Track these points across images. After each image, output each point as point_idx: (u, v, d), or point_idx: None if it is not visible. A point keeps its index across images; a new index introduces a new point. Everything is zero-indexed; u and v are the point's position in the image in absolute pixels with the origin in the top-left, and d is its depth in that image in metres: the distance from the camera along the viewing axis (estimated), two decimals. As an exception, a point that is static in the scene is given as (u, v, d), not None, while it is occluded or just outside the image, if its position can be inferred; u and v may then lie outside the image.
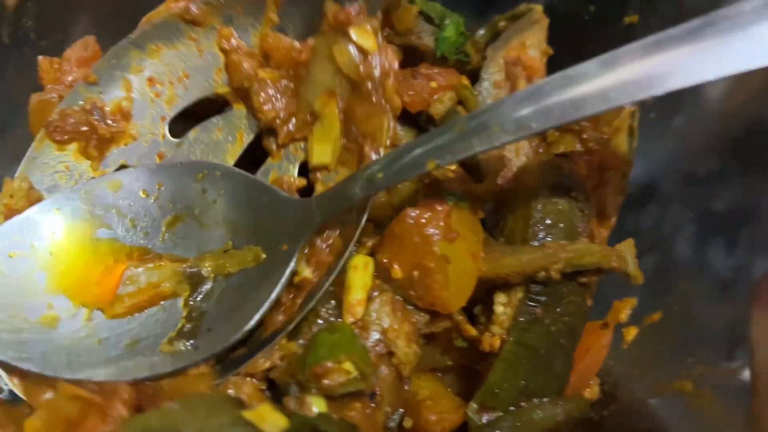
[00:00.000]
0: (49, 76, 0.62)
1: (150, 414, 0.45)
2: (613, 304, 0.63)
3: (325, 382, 0.48)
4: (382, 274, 0.55)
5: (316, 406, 0.47)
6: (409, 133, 0.63)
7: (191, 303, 0.53)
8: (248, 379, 0.49)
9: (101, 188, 0.55)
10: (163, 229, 0.56)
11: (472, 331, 0.57)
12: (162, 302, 0.53)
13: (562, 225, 0.57)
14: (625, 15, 0.66)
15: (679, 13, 0.63)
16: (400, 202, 0.59)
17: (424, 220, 0.52)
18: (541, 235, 0.56)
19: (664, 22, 0.63)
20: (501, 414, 0.53)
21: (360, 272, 0.54)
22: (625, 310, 0.62)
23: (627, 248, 0.57)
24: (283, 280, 0.50)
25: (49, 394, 0.48)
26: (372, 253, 0.56)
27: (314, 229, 0.52)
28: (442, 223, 0.52)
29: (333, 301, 0.54)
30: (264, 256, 0.53)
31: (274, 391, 0.51)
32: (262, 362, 0.51)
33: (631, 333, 0.61)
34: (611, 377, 0.61)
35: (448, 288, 0.53)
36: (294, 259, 0.51)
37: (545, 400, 0.55)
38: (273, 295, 0.50)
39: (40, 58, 0.62)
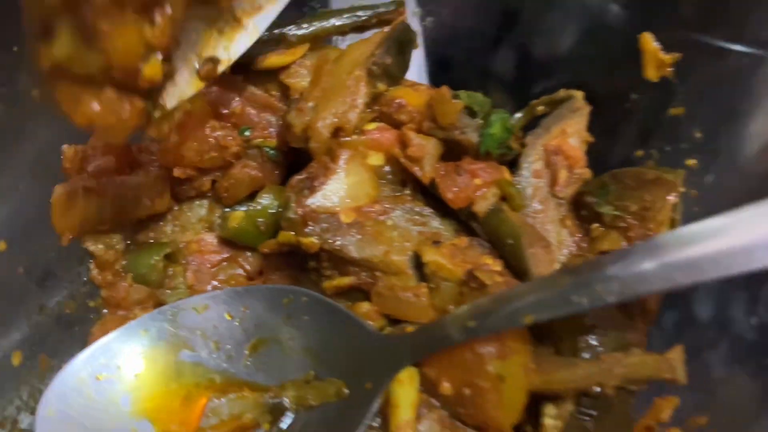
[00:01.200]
0: (74, 165, 0.60)
1: None
2: (653, 401, 0.61)
3: None
4: (428, 388, 0.53)
5: None
6: (450, 227, 0.61)
7: None
8: None
9: (188, 310, 0.55)
10: (247, 353, 0.55)
11: (519, 444, 0.55)
12: None
13: (613, 334, 0.55)
14: (670, 106, 0.64)
15: (728, 110, 0.63)
16: (442, 303, 0.57)
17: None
18: (592, 344, 0.55)
19: (712, 118, 0.64)
20: None
21: (406, 387, 0.52)
22: (666, 409, 0.60)
23: (677, 356, 0.56)
24: (366, 421, 0.49)
25: None
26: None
27: (402, 370, 0.50)
28: (494, 342, 0.50)
29: (378, 418, 0.52)
30: (347, 391, 0.51)
31: None
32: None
33: (673, 437, 0.60)
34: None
35: (502, 407, 0.51)
36: (377, 401, 0.50)
37: None
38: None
39: (65, 146, 0.59)
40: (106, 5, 0.42)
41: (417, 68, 0.83)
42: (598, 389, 0.52)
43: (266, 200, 0.64)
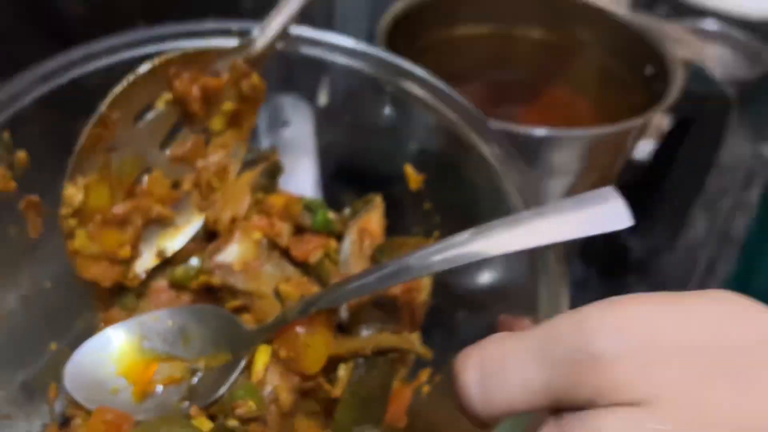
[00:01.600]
0: (88, 242, 1.08)
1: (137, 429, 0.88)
2: (418, 372, 1.07)
3: (237, 411, 0.90)
4: (274, 354, 0.98)
5: (231, 423, 0.90)
6: (298, 273, 1.09)
7: (190, 384, 0.94)
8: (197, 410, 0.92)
9: (148, 319, 0.97)
10: (181, 342, 0.96)
11: (327, 387, 1.00)
12: (174, 385, 0.94)
13: (378, 326, 1.02)
14: (424, 203, 1.14)
15: (455, 205, 1.12)
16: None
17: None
18: (364, 331, 1.01)
19: (446, 209, 1.13)
20: (344, 436, 0.94)
21: (262, 354, 0.97)
22: (423, 375, 1.06)
23: (414, 337, 1.02)
24: (238, 371, 0.92)
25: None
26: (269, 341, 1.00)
27: (258, 345, 0.94)
28: (306, 325, 0.97)
29: (246, 371, 0.97)
30: (231, 358, 0.94)
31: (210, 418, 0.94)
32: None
33: (425, 389, 1.05)
34: (413, 415, 1.04)
35: (309, 362, 0.96)
36: (245, 361, 0.93)
37: (370, 427, 0.98)
38: (231, 379, 0.92)
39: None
40: (100, 225, 0.95)
41: (312, 176, 1.35)
42: (361, 353, 0.98)
43: (195, 261, 1.12)
